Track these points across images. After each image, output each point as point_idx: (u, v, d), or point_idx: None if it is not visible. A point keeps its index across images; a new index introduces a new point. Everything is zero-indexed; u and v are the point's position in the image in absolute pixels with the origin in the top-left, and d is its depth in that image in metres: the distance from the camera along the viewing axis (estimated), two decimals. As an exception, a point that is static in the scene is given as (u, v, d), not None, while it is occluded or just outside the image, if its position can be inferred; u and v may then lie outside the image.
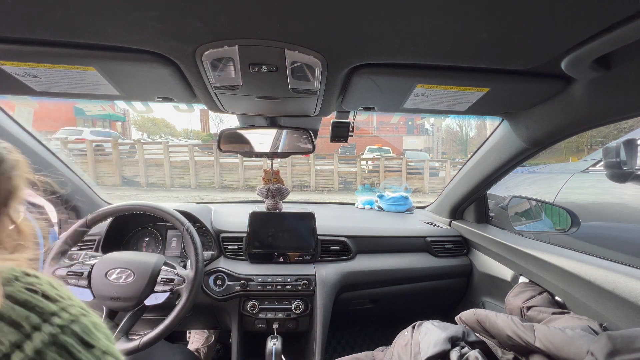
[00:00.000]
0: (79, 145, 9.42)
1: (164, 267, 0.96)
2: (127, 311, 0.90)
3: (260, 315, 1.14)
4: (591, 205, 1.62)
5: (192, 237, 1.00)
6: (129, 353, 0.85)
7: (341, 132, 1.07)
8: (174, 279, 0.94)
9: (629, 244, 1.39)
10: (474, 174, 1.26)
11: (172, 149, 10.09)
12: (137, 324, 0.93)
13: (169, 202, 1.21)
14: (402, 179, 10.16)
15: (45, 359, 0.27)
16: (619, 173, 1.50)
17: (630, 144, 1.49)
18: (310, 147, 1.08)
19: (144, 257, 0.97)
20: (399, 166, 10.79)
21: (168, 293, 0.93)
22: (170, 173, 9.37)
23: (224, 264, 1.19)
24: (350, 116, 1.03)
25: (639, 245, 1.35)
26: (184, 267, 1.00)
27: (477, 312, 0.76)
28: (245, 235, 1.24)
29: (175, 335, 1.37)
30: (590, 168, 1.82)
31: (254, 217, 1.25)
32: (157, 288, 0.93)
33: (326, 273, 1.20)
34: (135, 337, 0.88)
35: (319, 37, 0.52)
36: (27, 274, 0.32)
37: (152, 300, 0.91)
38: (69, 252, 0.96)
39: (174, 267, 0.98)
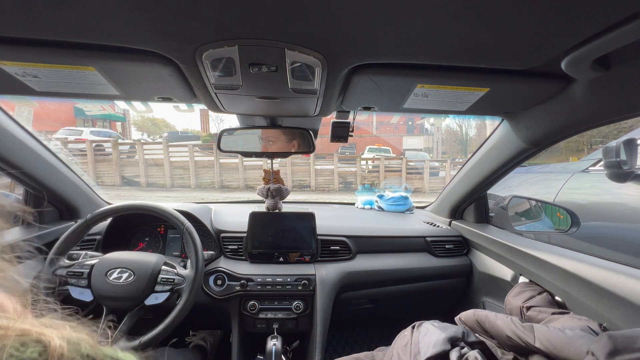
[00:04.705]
0: (79, 145, 9.44)
1: (164, 267, 0.96)
2: (127, 311, 0.90)
3: (261, 315, 1.14)
4: (591, 205, 1.62)
5: (192, 237, 1.00)
6: None
7: (341, 132, 1.07)
8: (174, 279, 0.94)
9: (629, 244, 1.39)
10: (474, 174, 1.26)
11: (172, 149, 10.10)
12: (137, 324, 0.93)
13: (169, 202, 1.21)
14: (402, 179, 10.17)
15: None
16: (619, 173, 1.50)
17: (630, 144, 1.49)
18: (310, 147, 1.09)
19: (144, 257, 0.97)
20: (399, 166, 10.79)
21: (168, 293, 0.93)
22: (170, 173, 9.38)
23: (224, 264, 1.19)
24: (350, 116, 1.03)
25: (639, 245, 1.35)
26: (184, 267, 1.00)
27: (477, 312, 0.76)
28: (245, 235, 1.24)
29: (177, 342, 1.37)
30: (590, 168, 1.82)
31: (254, 217, 1.25)
32: (157, 288, 0.92)
33: (326, 273, 1.20)
34: (136, 337, 0.88)
35: (319, 37, 0.52)
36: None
37: (152, 300, 0.91)
38: (69, 251, 0.96)
39: (174, 267, 0.98)
